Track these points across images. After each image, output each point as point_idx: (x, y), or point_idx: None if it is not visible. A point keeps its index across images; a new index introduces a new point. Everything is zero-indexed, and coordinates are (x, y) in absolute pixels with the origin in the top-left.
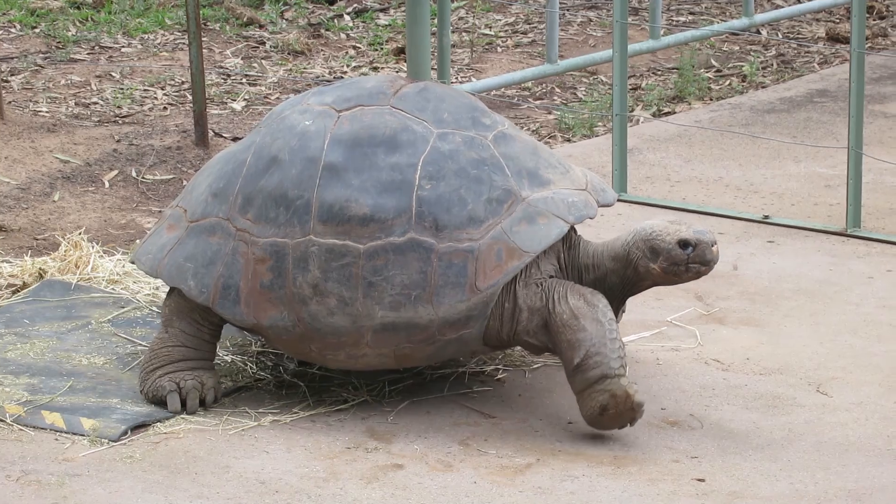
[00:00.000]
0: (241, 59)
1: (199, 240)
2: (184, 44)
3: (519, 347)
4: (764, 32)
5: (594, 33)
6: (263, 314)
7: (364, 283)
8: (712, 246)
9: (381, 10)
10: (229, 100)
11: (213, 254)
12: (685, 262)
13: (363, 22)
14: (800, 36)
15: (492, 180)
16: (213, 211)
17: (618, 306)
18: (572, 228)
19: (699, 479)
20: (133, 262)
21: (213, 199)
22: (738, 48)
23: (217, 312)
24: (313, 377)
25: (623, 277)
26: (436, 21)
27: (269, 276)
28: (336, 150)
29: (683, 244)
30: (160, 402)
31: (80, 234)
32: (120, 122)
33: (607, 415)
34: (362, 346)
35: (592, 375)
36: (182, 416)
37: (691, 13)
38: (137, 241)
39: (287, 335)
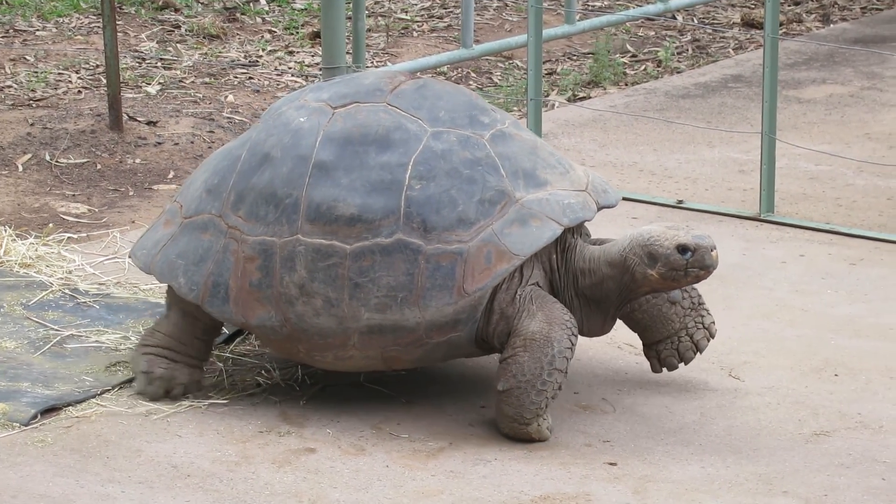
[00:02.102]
0: (157, 42)
1: (191, 237)
2: (99, 27)
3: None
4: (679, 18)
5: (510, 18)
6: (252, 313)
7: (350, 285)
8: (712, 251)
9: None
10: (144, 83)
11: (204, 251)
12: (684, 268)
13: (279, 6)
14: (715, 21)
15: (485, 181)
16: (206, 207)
17: (615, 314)
18: (570, 231)
19: (611, 463)
20: (130, 258)
21: (207, 196)
22: (653, 33)
23: (206, 311)
24: (225, 361)
25: (620, 284)
26: (351, 5)
27: (257, 276)
28: (327, 148)
29: (682, 249)
30: (136, 374)
31: None
32: (34, 105)
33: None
34: (349, 348)
35: (505, 409)
36: (94, 399)
37: None
38: (50, 224)
39: (275, 335)
